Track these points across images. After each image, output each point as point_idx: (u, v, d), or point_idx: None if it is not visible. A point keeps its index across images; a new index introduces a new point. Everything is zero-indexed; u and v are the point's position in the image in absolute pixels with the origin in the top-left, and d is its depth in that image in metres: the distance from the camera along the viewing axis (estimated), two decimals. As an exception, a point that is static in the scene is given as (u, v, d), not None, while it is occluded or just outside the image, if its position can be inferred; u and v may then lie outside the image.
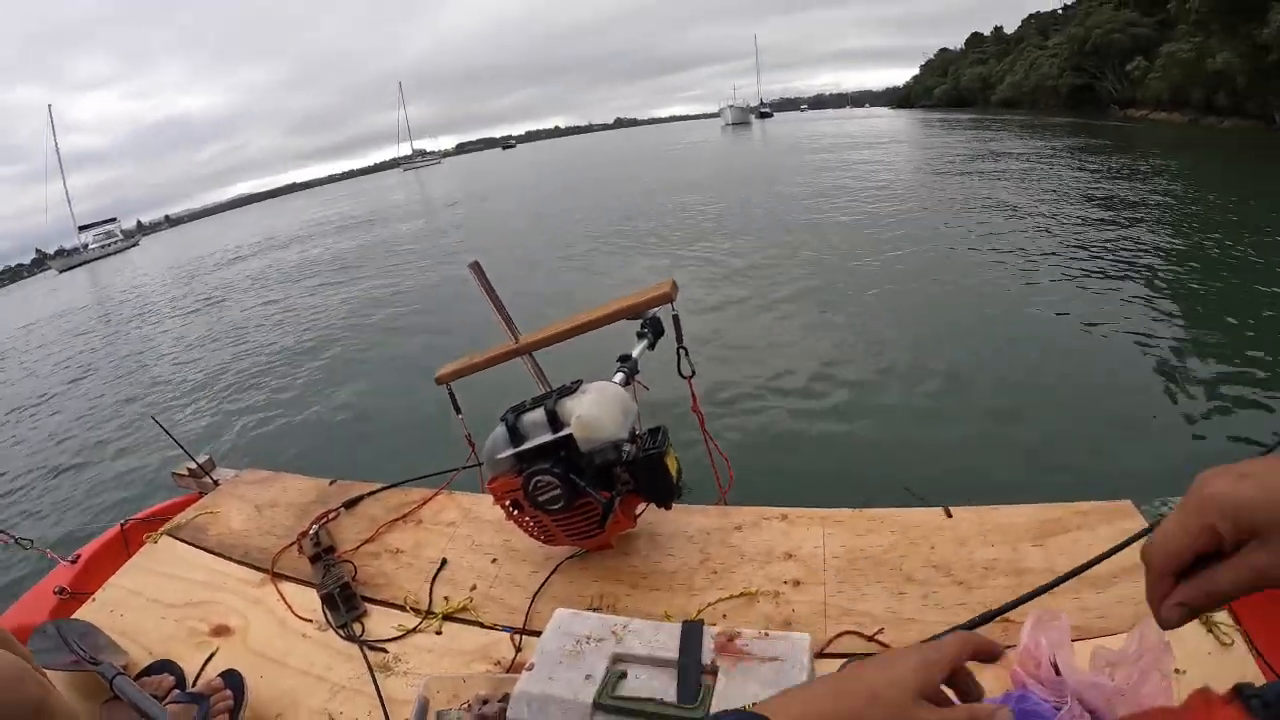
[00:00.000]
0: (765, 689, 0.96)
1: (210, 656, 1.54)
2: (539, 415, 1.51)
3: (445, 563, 1.73)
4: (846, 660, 1.21)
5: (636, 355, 1.80)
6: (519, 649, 1.43)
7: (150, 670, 1.47)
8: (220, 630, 1.63)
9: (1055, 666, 1.03)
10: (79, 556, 1.95)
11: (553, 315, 1.99)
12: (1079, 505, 1.48)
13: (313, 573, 1.75)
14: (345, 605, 1.61)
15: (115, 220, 68.18)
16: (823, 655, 1.27)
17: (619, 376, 1.69)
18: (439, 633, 1.52)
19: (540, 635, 1.18)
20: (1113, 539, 1.17)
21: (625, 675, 1.05)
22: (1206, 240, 9.34)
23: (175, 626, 1.66)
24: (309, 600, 1.67)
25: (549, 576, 1.61)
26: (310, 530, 1.89)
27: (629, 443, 1.52)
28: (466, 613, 1.56)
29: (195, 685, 1.43)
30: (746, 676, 0.99)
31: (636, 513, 1.65)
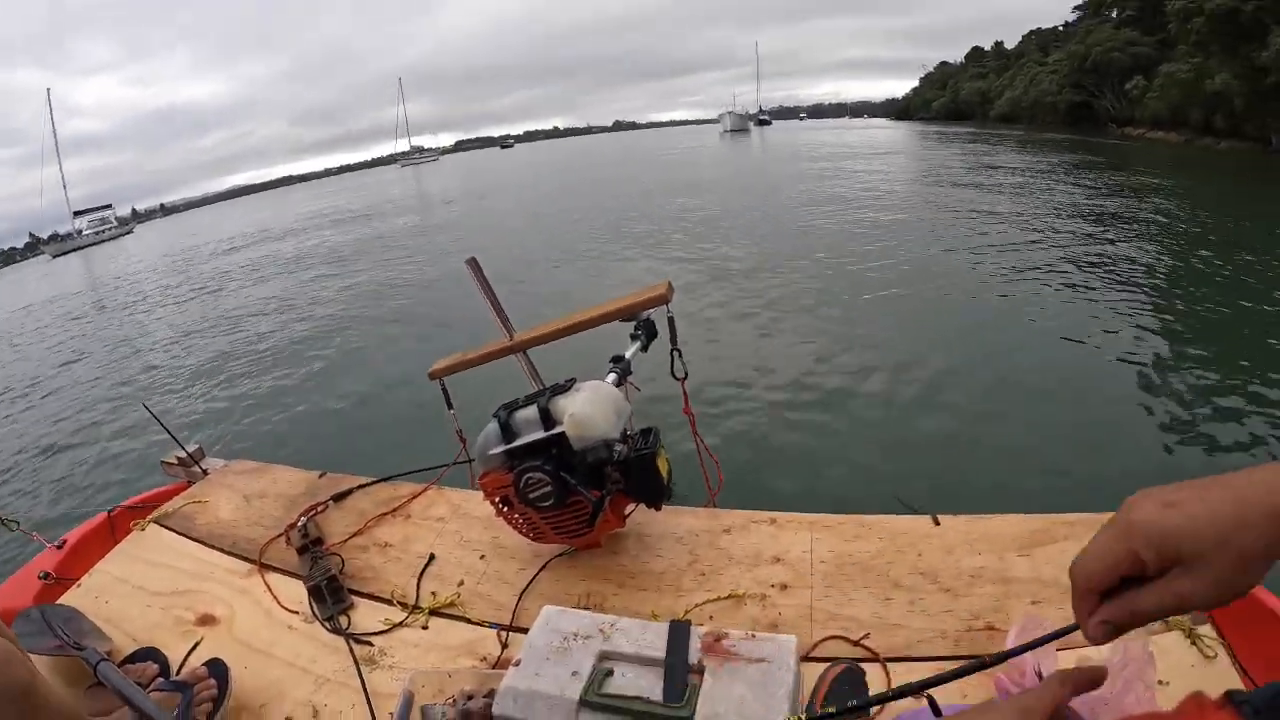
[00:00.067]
0: (751, 690, 0.97)
1: (195, 645, 1.54)
2: (532, 412, 1.51)
3: (433, 558, 1.73)
4: (831, 663, 1.21)
5: (630, 356, 1.80)
6: (505, 646, 1.43)
7: (134, 658, 1.46)
8: (206, 620, 1.62)
9: (1039, 675, 1.04)
10: (65, 542, 1.94)
11: (547, 314, 1.99)
12: (1066, 516, 1.49)
13: (300, 564, 1.74)
14: (332, 598, 1.61)
15: (110, 207, 67.73)
16: (808, 659, 1.27)
17: (611, 377, 1.69)
18: (425, 628, 1.52)
19: (527, 632, 1.18)
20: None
21: (612, 673, 1.05)
22: (1197, 259, 9.39)
23: (161, 615, 1.65)
24: (296, 592, 1.67)
25: (537, 574, 1.61)
26: (299, 522, 1.88)
27: (621, 442, 1.52)
28: (454, 608, 1.56)
29: (179, 674, 1.43)
30: (733, 677, 0.99)
31: (626, 513, 1.65)
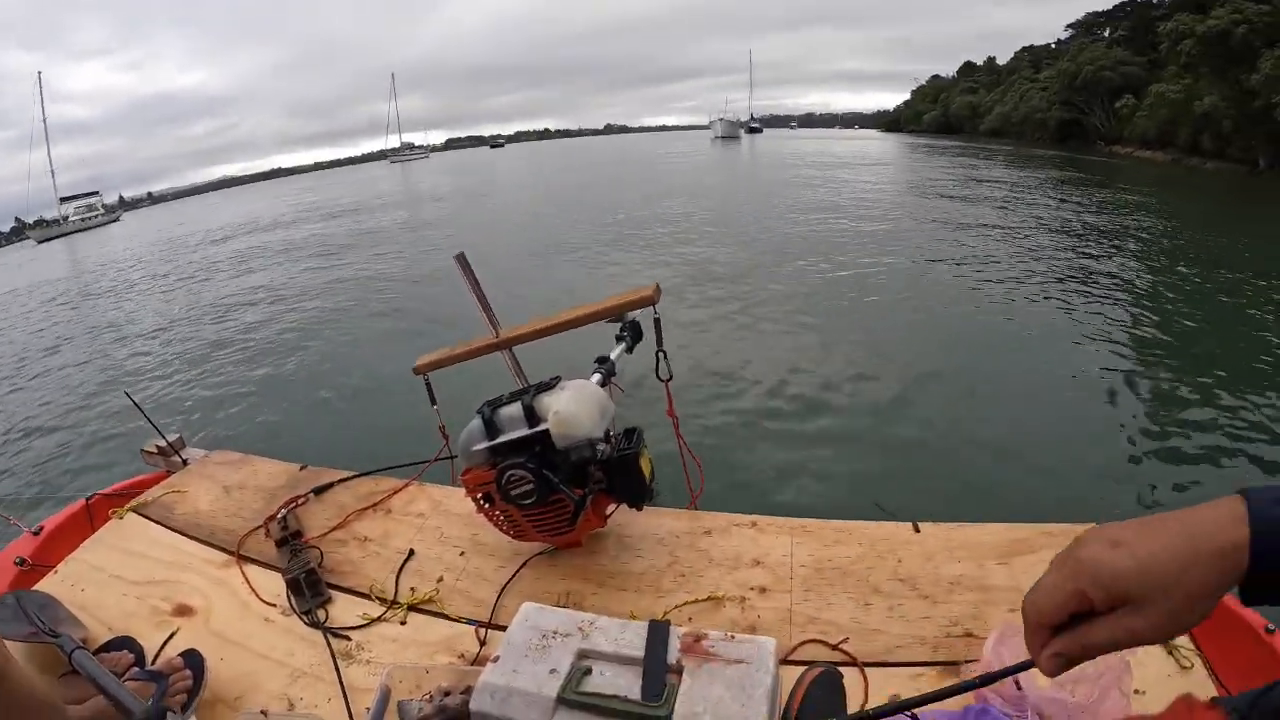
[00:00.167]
0: (730, 690, 0.97)
1: (171, 636, 1.52)
2: (516, 410, 1.51)
3: (413, 553, 1.72)
4: (809, 666, 1.21)
5: (615, 358, 1.80)
6: (484, 643, 1.43)
7: (109, 646, 1.45)
8: (182, 610, 1.61)
9: (1017, 682, 1.05)
10: (42, 528, 1.91)
11: (534, 312, 1.99)
12: (1045, 526, 1.50)
13: (278, 557, 1.73)
14: (310, 591, 1.60)
15: (97, 194, 66.97)
16: (787, 662, 1.27)
17: (596, 377, 1.69)
18: (404, 623, 1.52)
19: (506, 630, 1.18)
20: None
21: (590, 671, 1.05)
22: (1179, 276, 9.52)
23: (137, 604, 1.64)
24: (273, 584, 1.66)
25: (517, 572, 1.61)
26: (278, 514, 1.87)
27: (604, 442, 1.52)
28: (432, 604, 1.55)
29: (154, 664, 1.41)
30: (712, 678, 0.99)
31: (607, 512, 1.65)
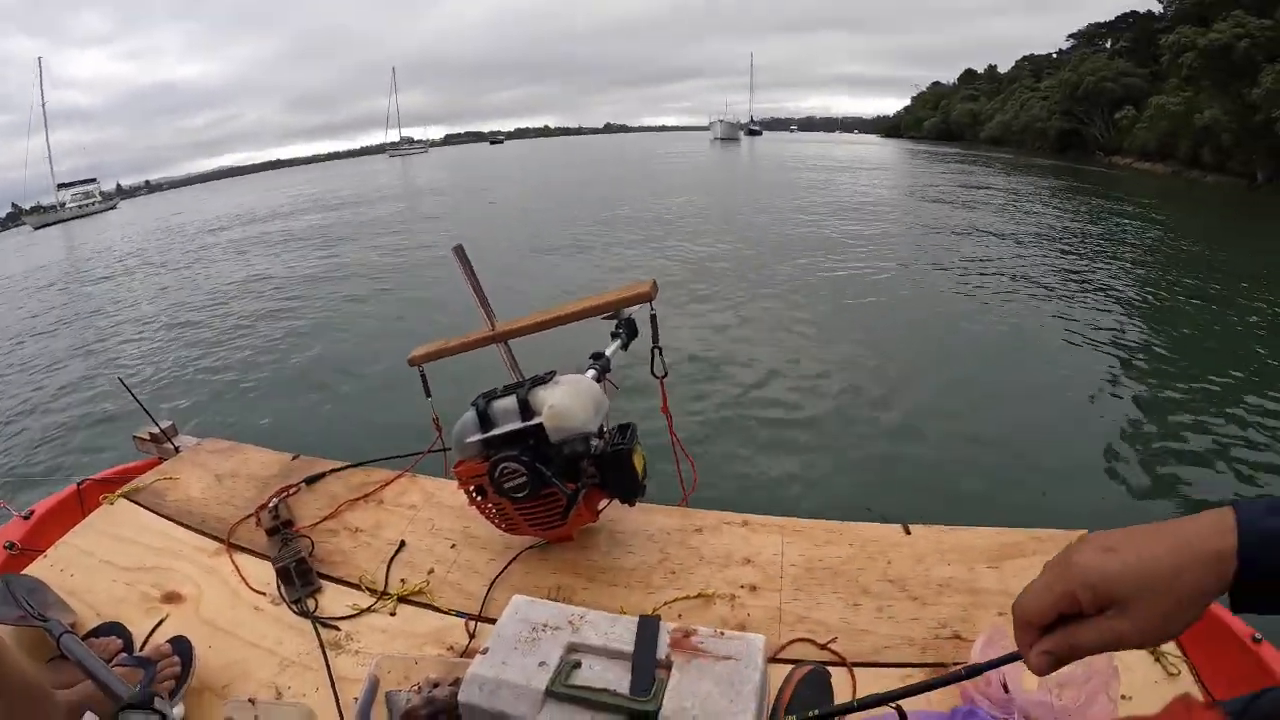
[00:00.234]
0: (718, 686, 0.97)
1: (160, 623, 1.52)
2: (510, 402, 1.50)
3: (404, 545, 1.72)
4: (797, 664, 1.21)
5: (609, 354, 1.80)
6: (473, 635, 1.43)
7: (98, 632, 1.45)
8: (172, 597, 1.61)
9: (1004, 685, 1.05)
10: (33, 512, 1.91)
11: (529, 307, 1.98)
12: (1036, 531, 1.50)
13: (269, 546, 1.73)
14: (300, 580, 1.59)
15: (95, 181, 66.76)
16: (775, 660, 1.28)
17: (591, 373, 1.69)
18: (393, 614, 1.52)
19: (495, 622, 1.18)
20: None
21: (579, 665, 1.04)
22: (1177, 288, 9.55)
23: (126, 590, 1.63)
24: (264, 573, 1.65)
25: (508, 565, 1.61)
26: (270, 503, 1.87)
27: (598, 437, 1.52)
28: (422, 596, 1.55)
29: (143, 650, 1.41)
30: (700, 673, 1.00)
31: (599, 508, 1.65)
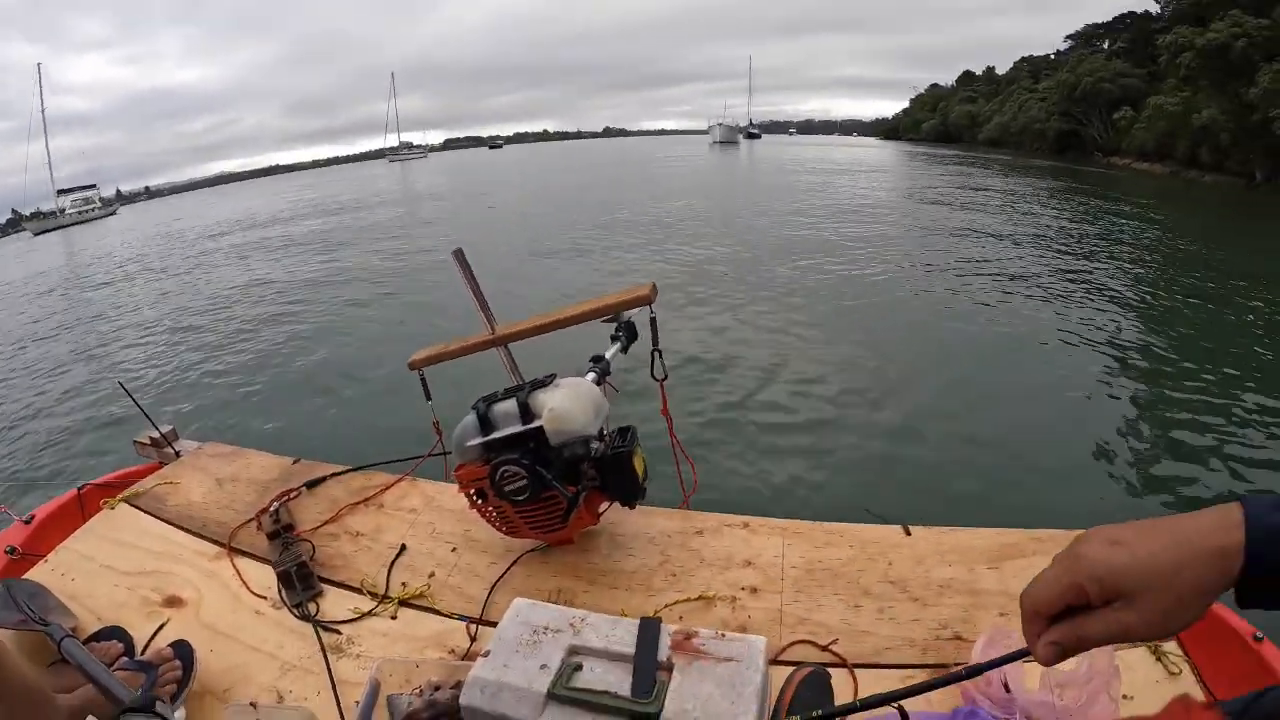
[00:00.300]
0: (719, 688, 0.97)
1: (161, 627, 1.52)
2: (511, 406, 1.51)
3: (405, 548, 1.72)
4: (797, 666, 1.21)
5: (609, 357, 1.80)
6: (474, 638, 1.43)
7: (99, 636, 1.45)
8: (172, 601, 1.61)
9: (1005, 685, 1.05)
10: (33, 517, 1.91)
11: (528, 311, 1.98)
12: (1036, 532, 1.50)
13: (270, 550, 1.73)
14: (301, 584, 1.59)
15: (95, 187, 66.92)
16: (776, 662, 1.28)
17: (591, 376, 1.69)
18: (394, 618, 1.52)
19: (496, 625, 1.18)
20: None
21: (581, 667, 1.05)
22: (1176, 288, 9.55)
23: (127, 594, 1.63)
24: (264, 577, 1.65)
25: (509, 568, 1.61)
26: (270, 507, 1.87)
27: (598, 440, 1.52)
28: (423, 599, 1.55)
29: (144, 654, 1.41)
30: (702, 675, 1.00)
31: (600, 510, 1.65)
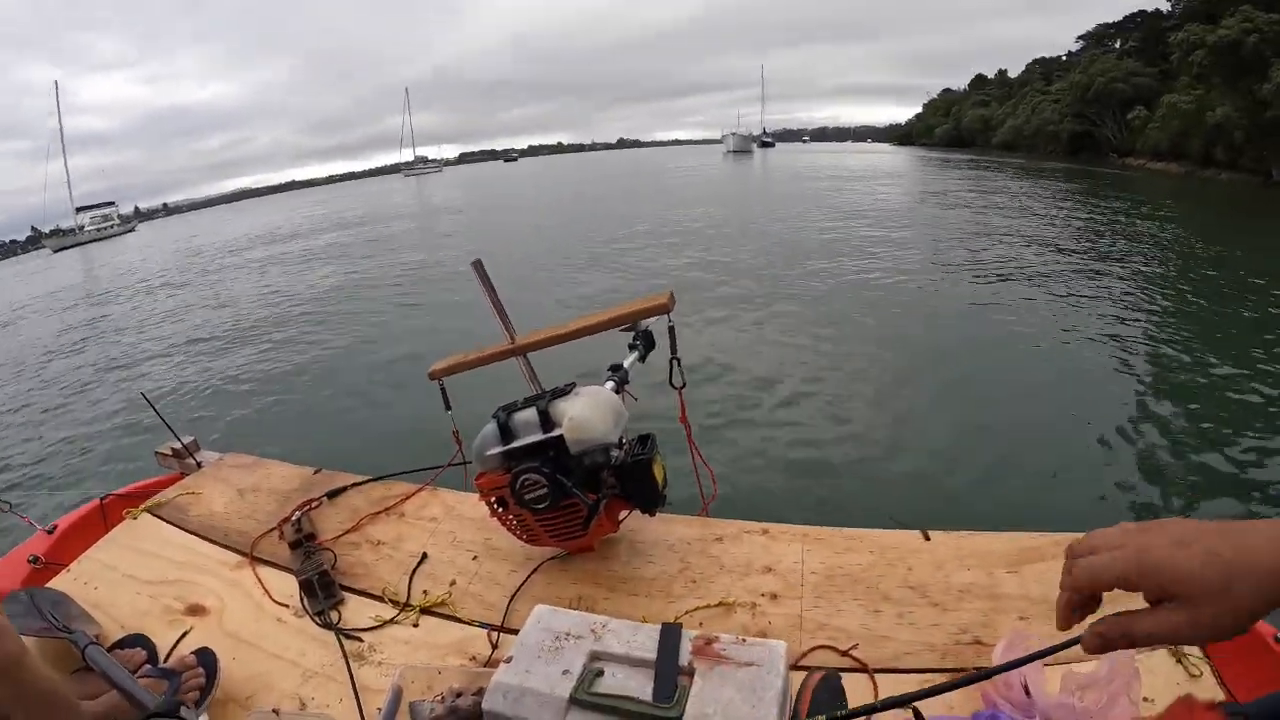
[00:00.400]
0: (740, 693, 0.97)
1: (184, 635, 1.53)
2: (531, 415, 1.52)
3: (426, 557, 1.73)
4: (810, 671, 1.21)
5: (627, 366, 1.81)
6: (495, 646, 1.43)
7: (122, 644, 1.46)
8: (195, 610, 1.62)
9: (1026, 688, 1.05)
10: (56, 527, 1.93)
11: (547, 320, 2.00)
12: (1055, 535, 1.49)
13: (292, 559, 1.75)
14: (323, 592, 1.61)
15: (113, 204, 67.79)
16: (796, 668, 1.27)
17: (609, 385, 1.70)
18: (416, 625, 1.53)
19: (518, 633, 1.19)
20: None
21: (602, 673, 1.05)
22: (1195, 286, 9.49)
23: (150, 603, 1.65)
24: (287, 585, 1.67)
25: (529, 576, 1.61)
26: (292, 516, 1.88)
27: (618, 447, 1.53)
28: (444, 607, 1.56)
29: (167, 661, 1.42)
30: (723, 680, 1.00)
31: (620, 518, 1.65)
